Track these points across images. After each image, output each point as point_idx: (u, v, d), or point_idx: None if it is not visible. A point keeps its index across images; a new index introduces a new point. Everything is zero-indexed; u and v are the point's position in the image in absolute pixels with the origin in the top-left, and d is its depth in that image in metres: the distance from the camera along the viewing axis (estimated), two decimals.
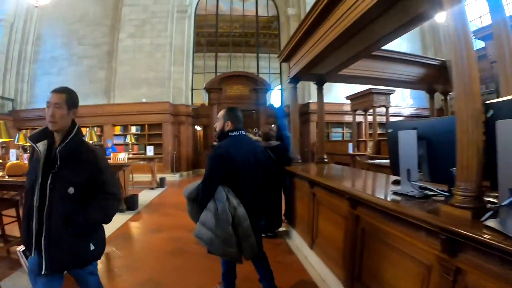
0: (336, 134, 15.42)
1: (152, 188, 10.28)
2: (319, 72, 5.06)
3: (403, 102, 16.88)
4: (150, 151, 10.76)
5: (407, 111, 16.71)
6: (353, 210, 2.76)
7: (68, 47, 15.38)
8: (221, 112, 2.88)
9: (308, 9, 3.89)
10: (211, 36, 17.75)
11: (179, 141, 14.56)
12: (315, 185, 3.91)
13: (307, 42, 4.31)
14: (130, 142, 11.63)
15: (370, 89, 10.27)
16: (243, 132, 2.80)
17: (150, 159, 10.42)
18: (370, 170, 5.75)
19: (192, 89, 16.13)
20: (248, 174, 2.69)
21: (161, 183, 10.72)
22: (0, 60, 14.52)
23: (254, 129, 14.74)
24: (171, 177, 13.09)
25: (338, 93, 15.42)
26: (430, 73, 6.34)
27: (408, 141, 2.04)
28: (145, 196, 8.85)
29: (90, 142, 7.82)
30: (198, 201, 2.68)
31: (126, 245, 4.83)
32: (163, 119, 13.47)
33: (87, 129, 9.18)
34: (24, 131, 14.09)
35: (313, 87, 14.72)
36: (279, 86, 17.93)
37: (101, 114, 13.55)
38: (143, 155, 11.08)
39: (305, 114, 14.85)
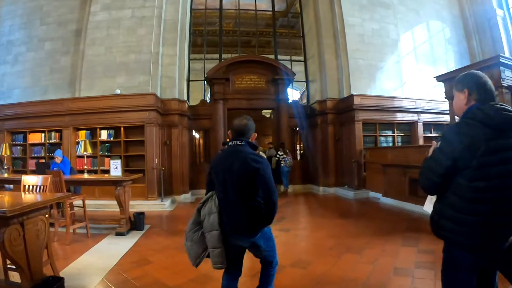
0: (385, 138, 11.17)
1: (120, 234, 5.76)
2: None
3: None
4: (115, 168, 6.17)
5: None
6: None
7: (28, 28, 11.30)
8: None
9: None
10: (211, 34, 13.70)
11: (169, 152, 10.27)
12: None
13: None
14: (85, 153, 6.66)
15: (498, 57, 5.86)
16: (238, 142, 2.65)
17: (114, 182, 5.80)
18: None
19: (188, 80, 11.87)
20: (225, 186, 2.57)
21: (137, 222, 6.19)
22: None
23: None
24: (158, 207, 8.77)
25: (383, 85, 11.49)
26: None
27: None
28: (99, 262, 4.37)
29: None
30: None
31: None
32: (146, 119, 9.28)
33: None
34: None
35: (354, 74, 11.14)
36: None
37: (60, 112, 9.42)
38: (107, 176, 6.56)
39: (345, 111, 10.57)
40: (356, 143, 10.33)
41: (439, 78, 7.34)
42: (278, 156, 10.95)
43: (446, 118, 12.20)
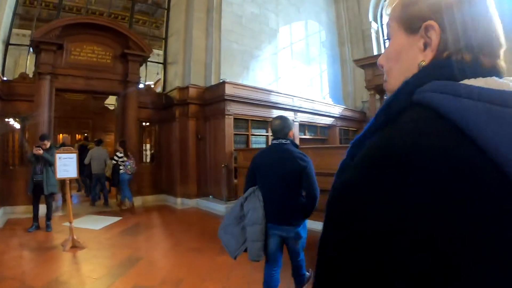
0: (258, 138, 9.78)
1: None
2: None
3: (323, 100, 13.20)
4: None
5: (336, 110, 13.03)
6: None
7: None
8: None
9: None
10: (49, 8, 10.84)
11: None
12: None
13: None
14: None
15: None
16: (283, 141, 2.89)
17: None
18: None
19: (7, 43, 8.69)
20: (268, 182, 2.85)
21: None
22: None
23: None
24: None
25: (257, 76, 10.72)
26: None
27: None
28: None
29: None
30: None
31: None
32: None
33: None
34: None
35: (226, 59, 9.56)
36: None
37: None
38: None
39: (213, 102, 8.71)
40: (225, 143, 8.59)
41: (358, 62, 5.85)
42: (116, 159, 8.25)
43: (321, 120, 11.42)
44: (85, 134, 13.26)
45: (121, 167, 8.33)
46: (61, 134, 14.12)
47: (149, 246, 5.59)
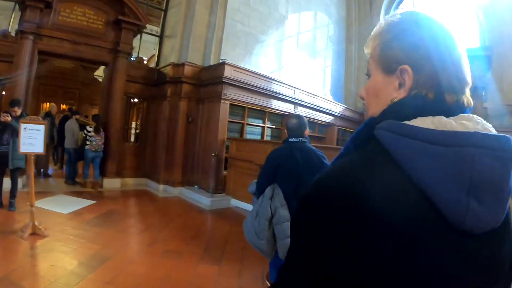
0: (253, 129, 9.16)
1: None
2: None
3: (325, 96, 12.51)
4: None
5: (337, 109, 12.46)
6: None
7: None
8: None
9: None
10: None
11: None
12: None
13: None
14: None
15: None
16: (303, 139, 2.96)
17: None
18: None
19: None
20: (294, 180, 2.83)
21: None
22: None
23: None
24: None
25: (260, 62, 9.84)
26: None
27: None
28: None
29: None
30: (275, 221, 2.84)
31: None
32: None
33: None
34: None
35: (228, 39, 8.72)
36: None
37: None
38: None
39: (210, 84, 7.94)
40: (218, 129, 7.83)
41: None
42: (86, 132, 7.96)
43: (321, 117, 10.85)
44: (71, 106, 12.42)
45: (87, 142, 7.76)
46: (47, 103, 13.23)
47: (120, 242, 4.76)
